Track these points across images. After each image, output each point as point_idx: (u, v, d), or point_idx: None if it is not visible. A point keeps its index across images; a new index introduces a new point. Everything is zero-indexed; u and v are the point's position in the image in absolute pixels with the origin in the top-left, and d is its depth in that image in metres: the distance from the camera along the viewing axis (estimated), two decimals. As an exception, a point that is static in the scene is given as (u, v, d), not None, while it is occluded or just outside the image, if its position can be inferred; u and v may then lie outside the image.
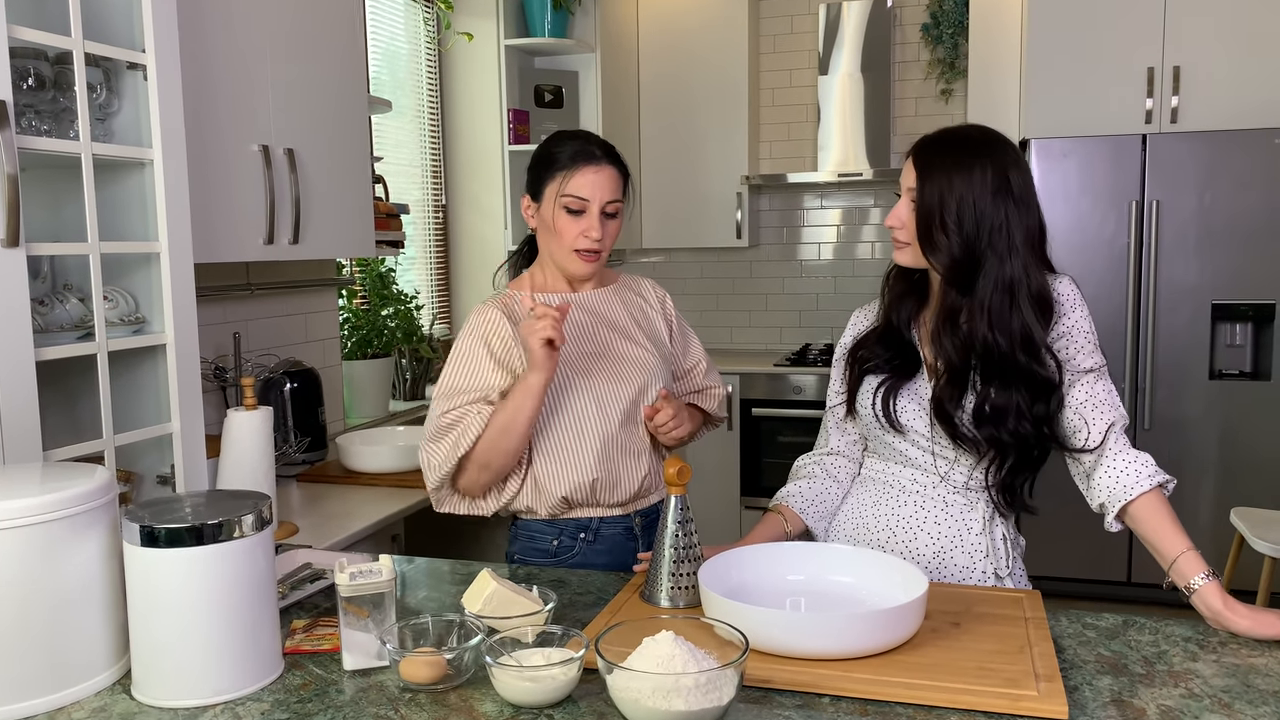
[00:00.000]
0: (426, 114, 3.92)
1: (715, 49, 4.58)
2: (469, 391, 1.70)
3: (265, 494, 1.30)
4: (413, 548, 2.28)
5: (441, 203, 4.06)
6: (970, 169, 1.47)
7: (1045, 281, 1.52)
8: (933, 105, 4.66)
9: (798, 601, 1.42)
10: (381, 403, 3.23)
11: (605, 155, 1.73)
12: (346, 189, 2.45)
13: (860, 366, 1.65)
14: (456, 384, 1.71)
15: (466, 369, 1.72)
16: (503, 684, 1.18)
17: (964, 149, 1.50)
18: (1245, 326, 3.83)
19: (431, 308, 3.94)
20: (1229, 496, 3.80)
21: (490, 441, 1.65)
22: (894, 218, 1.54)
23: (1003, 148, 1.51)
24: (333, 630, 1.41)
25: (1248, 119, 3.75)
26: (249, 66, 2.16)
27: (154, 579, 1.20)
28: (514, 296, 1.80)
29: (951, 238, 1.46)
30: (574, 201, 1.70)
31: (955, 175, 1.47)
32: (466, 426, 1.66)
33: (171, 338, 1.78)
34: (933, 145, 1.52)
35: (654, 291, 1.94)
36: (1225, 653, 1.30)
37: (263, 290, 2.58)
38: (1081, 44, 3.92)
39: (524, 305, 1.70)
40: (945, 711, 1.14)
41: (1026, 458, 1.53)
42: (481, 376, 1.70)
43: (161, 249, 1.76)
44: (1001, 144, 1.52)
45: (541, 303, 1.63)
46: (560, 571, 1.67)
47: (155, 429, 1.77)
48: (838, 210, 4.87)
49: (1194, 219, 3.78)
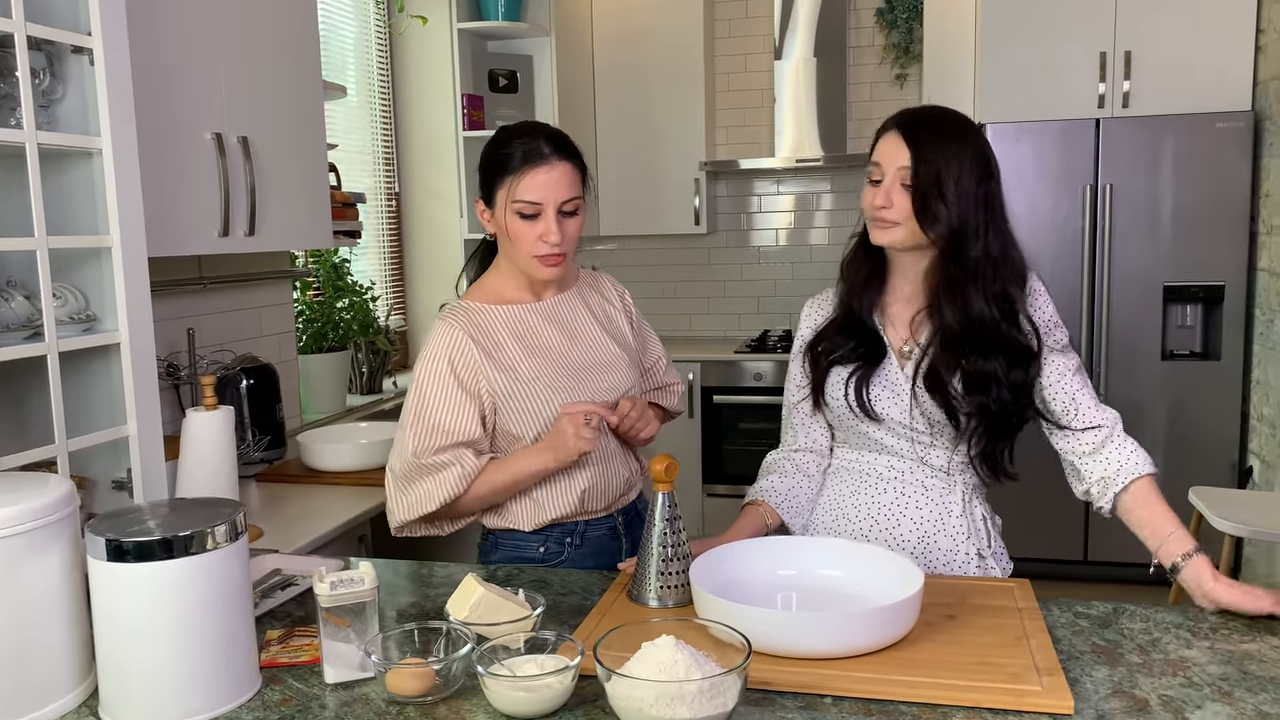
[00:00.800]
0: (378, 99, 3.82)
1: (670, 33, 4.53)
2: (449, 433, 1.61)
3: (237, 502, 1.24)
4: (380, 549, 2.22)
5: (394, 190, 3.97)
6: (958, 143, 1.49)
7: (1022, 254, 1.55)
8: (887, 90, 4.67)
9: (789, 597, 1.40)
10: (339, 398, 3.15)
11: (556, 151, 1.61)
12: (303, 178, 2.37)
13: (825, 359, 1.64)
14: (434, 420, 1.61)
15: (440, 403, 1.62)
16: (496, 695, 1.14)
17: (949, 125, 1.52)
18: (1195, 308, 3.90)
19: (387, 299, 3.85)
20: (1180, 474, 3.87)
21: (476, 498, 1.64)
22: (882, 197, 1.50)
23: (977, 128, 1.54)
24: (310, 641, 1.35)
25: (1194, 103, 3.81)
26: (199, 51, 2.06)
27: (122, 595, 1.13)
28: (476, 310, 1.69)
29: (951, 209, 1.47)
30: (527, 206, 1.60)
31: (948, 149, 1.48)
32: (444, 479, 1.60)
33: (126, 336, 1.69)
34: (921, 122, 1.51)
35: (614, 289, 1.86)
36: (1217, 639, 1.30)
37: (215, 284, 2.49)
38: (1035, 29, 3.95)
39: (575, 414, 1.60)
40: (950, 710, 1.12)
41: (1007, 425, 1.55)
42: (459, 416, 1.61)
43: (113, 243, 1.67)
44: (974, 125, 1.55)
45: (599, 411, 1.59)
46: (541, 572, 1.63)
47: (110, 432, 1.69)
48: (794, 196, 4.86)
49: (1145, 202, 3.84)
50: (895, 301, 1.62)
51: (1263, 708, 1.12)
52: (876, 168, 1.53)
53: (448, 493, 1.61)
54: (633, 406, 1.67)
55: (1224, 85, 3.80)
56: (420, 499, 1.63)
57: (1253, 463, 3.84)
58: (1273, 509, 2.99)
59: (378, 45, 3.80)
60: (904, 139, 1.50)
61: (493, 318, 1.68)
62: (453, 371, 1.63)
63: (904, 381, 1.57)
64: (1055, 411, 1.55)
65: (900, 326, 1.61)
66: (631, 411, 1.66)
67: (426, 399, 1.63)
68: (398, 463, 1.65)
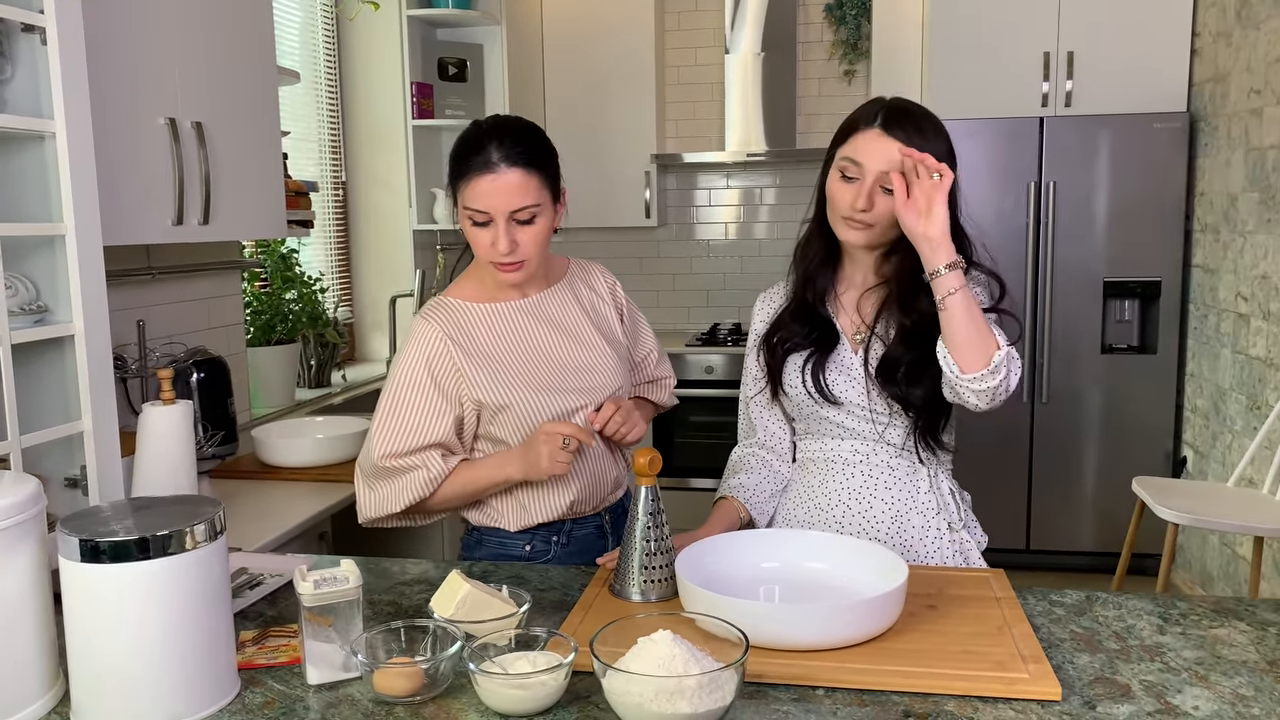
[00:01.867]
0: (324, 86, 3.74)
1: (621, 25, 4.51)
2: (419, 436, 1.58)
3: (215, 500, 1.20)
4: (342, 546, 2.17)
5: (341, 179, 3.89)
6: (936, 143, 1.50)
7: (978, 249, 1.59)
8: (836, 86, 4.71)
9: (772, 590, 1.40)
10: (288, 391, 3.07)
11: (506, 158, 1.52)
12: (257, 166, 2.30)
13: (781, 349, 1.66)
14: (405, 422, 1.58)
15: (414, 405, 1.59)
16: (489, 693, 1.12)
17: (929, 124, 1.53)
18: (1133, 303, 4.01)
19: (334, 290, 3.77)
20: (1118, 463, 3.99)
21: (443, 499, 1.61)
22: (864, 200, 1.50)
23: (943, 124, 1.56)
24: (286, 641, 1.32)
25: (1133, 103, 3.92)
26: (152, 32, 1.99)
27: (98, 597, 1.09)
28: (457, 308, 1.65)
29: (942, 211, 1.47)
30: (474, 214, 1.55)
31: (927, 144, 1.49)
32: (412, 480, 1.57)
33: (81, 328, 1.62)
34: (905, 116, 1.52)
35: (604, 280, 1.81)
36: (1188, 625, 1.34)
37: (163, 274, 2.41)
38: (982, 28, 4.02)
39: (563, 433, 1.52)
40: (942, 699, 1.14)
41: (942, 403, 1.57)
42: (431, 419, 1.58)
43: (67, 230, 1.60)
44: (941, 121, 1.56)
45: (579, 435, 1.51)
46: (517, 567, 1.61)
47: (65, 428, 1.62)
48: (742, 190, 4.88)
49: (1087, 199, 3.94)
50: (848, 289, 1.65)
51: (1240, 690, 1.15)
52: (853, 165, 1.52)
53: (413, 495, 1.58)
54: (616, 409, 1.61)
55: (1161, 87, 3.92)
56: (386, 499, 1.60)
57: (1186, 453, 3.97)
58: (1208, 497, 3.10)
59: (324, 31, 3.72)
60: (895, 140, 1.49)
61: (474, 316, 1.65)
62: (430, 376, 1.59)
63: (858, 365, 1.60)
64: None
65: (851, 312, 1.64)
66: (615, 415, 1.61)
67: (399, 400, 1.59)
68: (366, 461, 1.62)
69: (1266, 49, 3.30)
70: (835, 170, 1.56)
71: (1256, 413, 3.35)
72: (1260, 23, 3.35)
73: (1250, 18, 3.43)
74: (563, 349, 1.67)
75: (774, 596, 1.39)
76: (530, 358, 1.64)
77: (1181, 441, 4.02)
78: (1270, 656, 1.24)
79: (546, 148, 1.60)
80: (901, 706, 1.12)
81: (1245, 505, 3.00)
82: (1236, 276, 3.51)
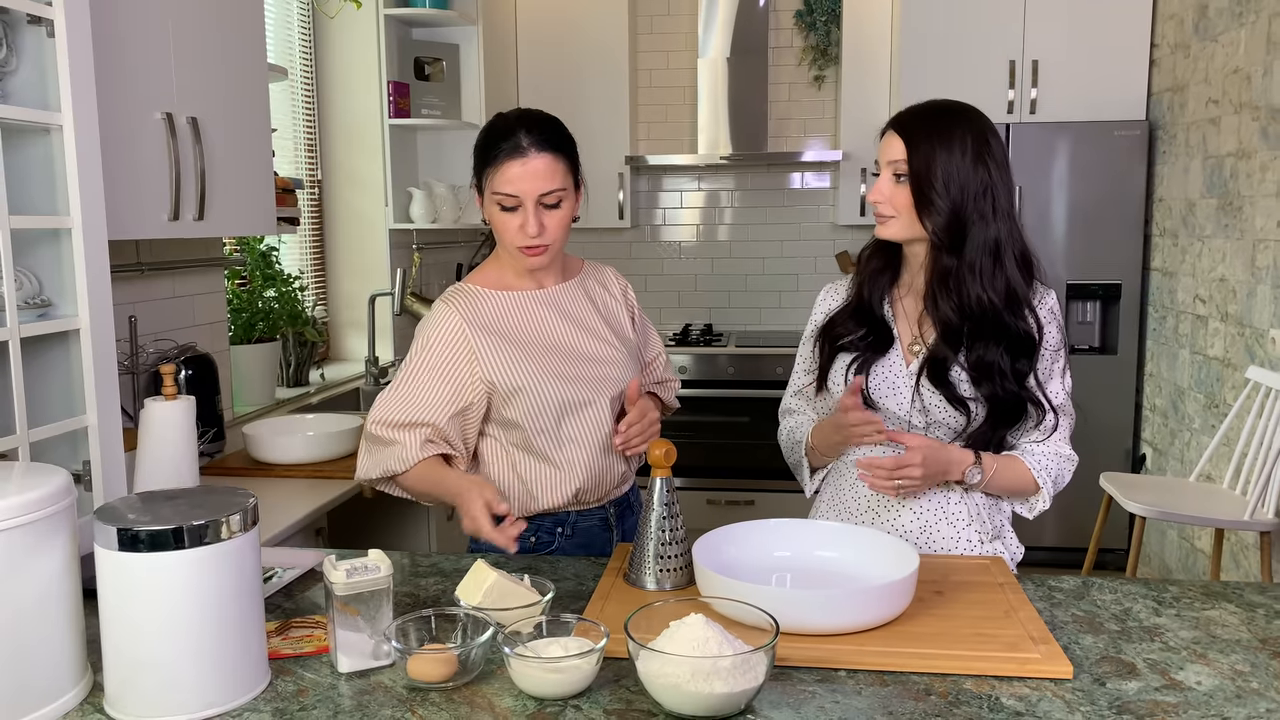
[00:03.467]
0: (300, 84, 3.71)
1: (595, 28, 4.54)
2: (413, 411, 1.62)
3: (247, 491, 1.21)
4: (337, 542, 2.17)
5: (317, 178, 3.86)
6: (951, 136, 1.51)
7: (1027, 241, 1.58)
8: (805, 91, 4.78)
9: (784, 577, 1.44)
10: (268, 390, 3.05)
11: (535, 144, 1.58)
12: (249, 162, 2.29)
13: (833, 344, 1.67)
14: (406, 397, 1.63)
15: (418, 382, 1.63)
16: (524, 677, 1.14)
17: (943, 118, 1.54)
18: (1095, 305, 4.13)
19: (312, 289, 3.75)
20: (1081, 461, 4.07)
21: (411, 484, 1.64)
22: (877, 193, 1.55)
23: (979, 116, 1.56)
24: (310, 632, 1.33)
25: (1095, 111, 4.04)
26: (148, 26, 1.98)
27: (135, 586, 1.10)
28: (476, 294, 1.68)
29: (945, 198, 1.50)
30: (504, 199, 1.59)
31: (939, 141, 1.51)
32: (395, 456, 1.62)
33: (86, 322, 1.62)
34: (914, 117, 1.55)
35: (616, 281, 1.84)
36: (1182, 607, 1.41)
37: (152, 271, 2.39)
38: (949, 36, 4.11)
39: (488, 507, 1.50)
40: (960, 678, 1.18)
41: (1010, 415, 1.57)
42: (429, 399, 1.62)
43: (74, 224, 1.59)
44: (977, 113, 1.56)
45: (506, 538, 1.47)
46: (529, 559, 1.63)
47: (71, 422, 1.61)
48: (714, 192, 4.94)
49: (1050, 204, 4.04)
50: (908, 294, 1.65)
51: (1237, 667, 1.21)
52: (877, 165, 1.59)
53: (387, 467, 1.63)
54: (640, 420, 1.64)
55: (1122, 96, 4.04)
56: (368, 465, 1.66)
57: (1145, 450, 4.09)
58: (1171, 492, 3.20)
59: (300, 29, 3.70)
60: (897, 133, 1.54)
61: (492, 303, 1.67)
62: (445, 358, 1.62)
63: (905, 376, 1.60)
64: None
65: (911, 321, 1.64)
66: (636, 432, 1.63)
67: (409, 375, 1.64)
68: (370, 424, 1.67)
69: (1223, 60, 3.42)
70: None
71: (1214, 411, 3.47)
72: (1217, 35, 3.47)
73: (1207, 30, 3.56)
74: (576, 339, 1.70)
75: (785, 583, 1.43)
76: (544, 344, 1.67)
77: (1141, 439, 4.14)
78: (1262, 635, 1.31)
79: (569, 136, 1.66)
80: (922, 685, 1.17)
81: (1206, 499, 3.11)
82: (1195, 279, 3.63)
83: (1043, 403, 1.57)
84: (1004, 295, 1.54)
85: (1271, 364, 3.07)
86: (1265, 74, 3.14)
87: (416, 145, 4.12)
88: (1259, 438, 2.99)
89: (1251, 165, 3.22)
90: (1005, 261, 1.54)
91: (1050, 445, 1.61)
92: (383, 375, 3.61)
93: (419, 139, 4.12)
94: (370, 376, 3.54)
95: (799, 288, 4.88)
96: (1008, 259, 1.54)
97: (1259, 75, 3.18)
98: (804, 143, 4.80)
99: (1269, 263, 3.10)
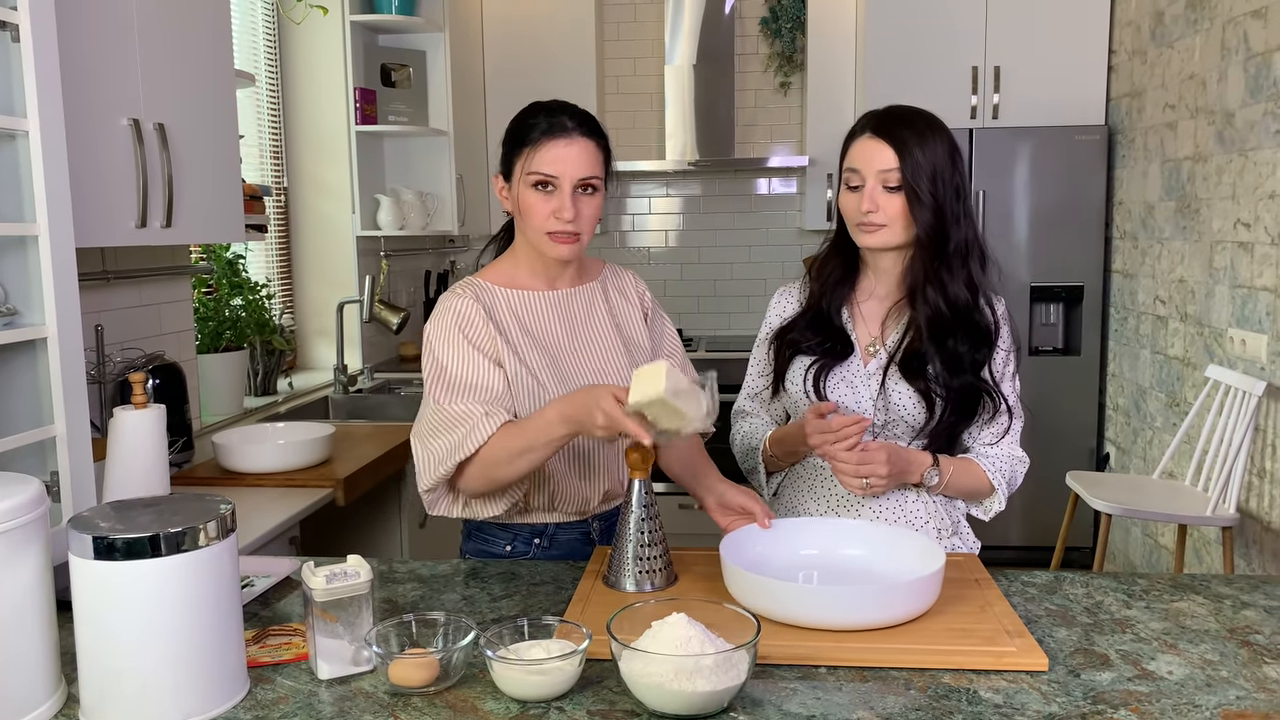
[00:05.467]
0: (265, 90, 3.69)
1: (562, 35, 4.54)
2: (475, 389, 1.53)
3: (224, 498, 1.20)
4: (310, 549, 2.15)
5: (283, 185, 3.83)
6: (934, 140, 1.54)
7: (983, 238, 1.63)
8: (771, 97, 4.82)
9: (810, 575, 1.45)
10: (236, 399, 3.02)
11: (579, 126, 1.56)
12: (217, 169, 2.27)
13: (790, 349, 1.68)
14: (455, 375, 1.54)
15: (459, 360, 1.54)
16: (506, 680, 1.14)
17: (920, 122, 1.56)
18: (1058, 307, 4.19)
19: (279, 297, 3.72)
20: (1046, 461, 4.14)
21: (502, 455, 1.48)
22: (868, 201, 1.55)
23: (943, 123, 1.59)
24: (288, 640, 1.32)
25: (1056, 116, 4.11)
26: (116, 33, 1.96)
27: (111, 595, 1.08)
28: (484, 288, 1.63)
29: (935, 203, 1.53)
30: (542, 178, 1.54)
31: (926, 146, 1.53)
32: (475, 427, 1.49)
33: (54, 330, 1.59)
34: (897, 121, 1.56)
35: (634, 285, 1.78)
36: (1151, 599, 1.43)
37: (119, 279, 2.36)
38: (912, 43, 4.17)
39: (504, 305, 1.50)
40: (939, 673, 1.20)
41: (972, 407, 1.61)
42: (479, 372, 1.54)
43: (41, 231, 1.57)
44: (938, 119, 1.59)
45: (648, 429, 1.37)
46: (506, 564, 1.63)
47: (38, 432, 1.59)
48: (682, 198, 4.96)
49: (1014, 207, 4.10)
50: (868, 299, 1.67)
51: (1207, 656, 1.24)
52: (854, 174, 1.57)
53: (464, 449, 1.48)
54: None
55: (1082, 101, 4.12)
56: (443, 457, 1.51)
57: (1109, 449, 4.16)
58: (1134, 489, 3.26)
59: (265, 35, 3.67)
60: (884, 140, 1.54)
61: (500, 299, 1.63)
62: (465, 338, 1.56)
63: (865, 377, 1.63)
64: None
65: (871, 323, 1.66)
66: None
67: (442, 363, 1.55)
68: (423, 424, 1.57)
69: (1179, 66, 3.50)
70: (843, 185, 1.61)
71: (1176, 409, 3.54)
72: (1173, 42, 3.55)
73: (1163, 37, 3.63)
74: (579, 349, 1.66)
75: (812, 581, 1.44)
76: (544, 350, 1.62)
77: (1104, 438, 4.21)
78: (1229, 625, 1.34)
79: (605, 130, 1.63)
80: (901, 680, 1.18)
81: (1170, 496, 3.17)
82: (1155, 281, 3.70)
83: (994, 394, 1.62)
84: (974, 291, 1.59)
85: (1230, 363, 3.14)
86: (1220, 79, 3.21)
87: (384, 152, 4.10)
88: (1219, 435, 3.06)
89: (1208, 169, 3.29)
90: (973, 258, 1.58)
91: (1003, 448, 1.66)
92: (351, 384, 3.59)
93: (386, 146, 4.11)
94: (339, 385, 3.52)
95: (767, 292, 4.91)
96: (974, 256, 1.59)
97: (1214, 81, 3.25)
98: (770, 148, 4.84)
99: (1226, 264, 3.17)
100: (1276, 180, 2.88)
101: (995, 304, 1.64)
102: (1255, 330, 2.99)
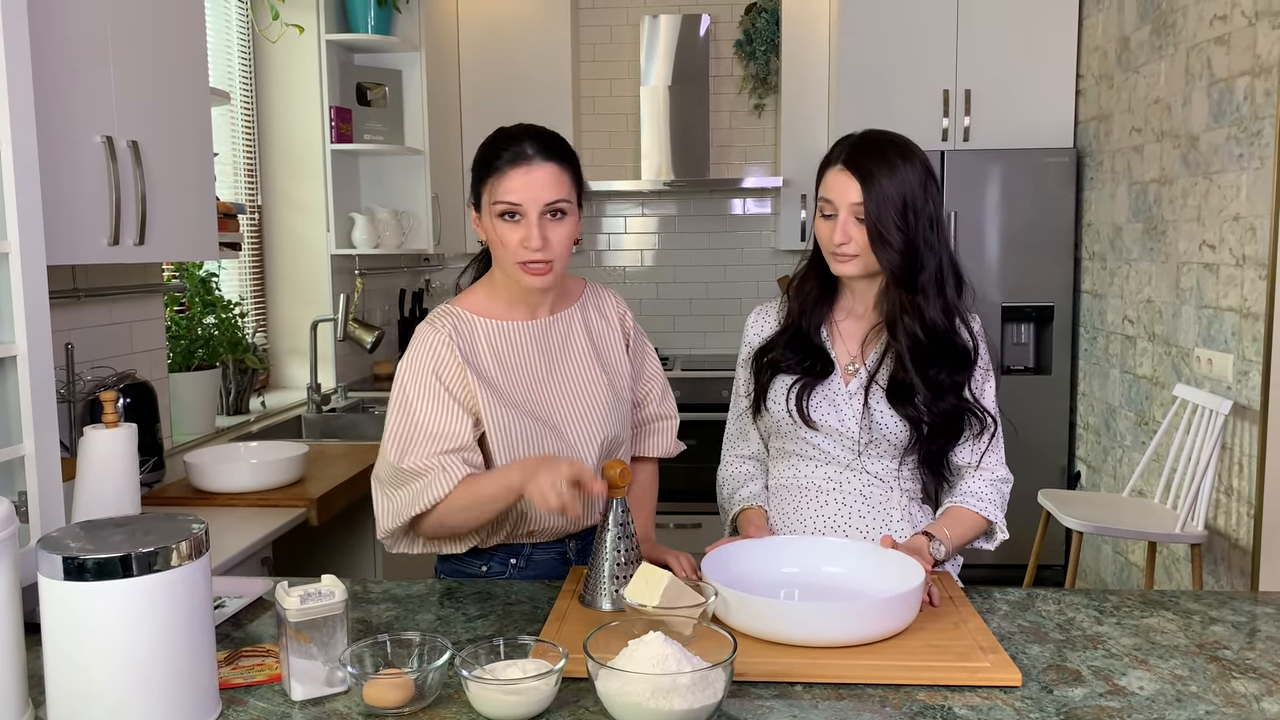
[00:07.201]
0: (240, 108, 3.67)
1: (537, 56, 4.56)
2: (438, 437, 1.52)
3: (197, 518, 1.19)
4: (283, 570, 2.13)
5: (257, 203, 3.82)
6: (904, 170, 1.53)
7: (958, 260, 1.63)
8: (746, 119, 4.86)
9: (792, 592, 1.46)
10: (208, 418, 2.99)
11: (540, 151, 1.53)
12: (191, 187, 2.26)
13: (771, 369, 1.68)
14: (421, 420, 1.53)
15: (426, 409, 1.54)
16: (482, 700, 1.14)
17: (891, 152, 1.55)
18: (1029, 326, 4.24)
19: (252, 316, 3.69)
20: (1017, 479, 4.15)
21: (456, 508, 1.50)
22: (840, 233, 1.55)
23: (918, 148, 1.59)
24: (260, 661, 1.31)
25: (1026, 139, 4.17)
26: (90, 50, 1.95)
27: (81, 616, 1.07)
28: (461, 317, 1.61)
29: (902, 236, 1.52)
30: (507, 207, 1.52)
31: (895, 178, 1.52)
32: (432, 481, 1.50)
33: (24, 349, 1.57)
34: (866, 153, 1.55)
35: (615, 307, 1.77)
36: (1122, 615, 1.45)
37: (89, 296, 2.33)
38: (885, 66, 4.22)
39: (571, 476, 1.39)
40: (914, 689, 1.20)
41: (956, 428, 1.61)
42: (446, 419, 1.53)
43: (11, 248, 1.55)
44: (915, 146, 1.59)
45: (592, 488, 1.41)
46: (481, 583, 1.62)
47: (5, 452, 1.56)
48: (658, 218, 4.98)
49: (984, 228, 4.15)
50: (847, 318, 1.68)
51: (1177, 672, 1.25)
52: (828, 204, 1.58)
53: (425, 500, 1.50)
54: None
55: (1051, 124, 4.18)
56: (401, 506, 1.53)
57: (1080, 467, 4.20)
58: (1105, 507, 3.29)
59: (240, 53, 3.66)
60: (853, 175, 1.53)
61: (478, 330, 1.61)
62: (439, 381, 1.55)
63: (847, 396, 1.63)
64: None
65: (850, 342, 1.67)
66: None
67: (411, 408, 1.55)
68: (383, 469, 1.57)
69: (1146, 90, 3.57)
70: (818, 210, 1.62)
71: (1145, 428, 3.58)
72: (1139, 67, 3.62)
73: (1129, 62, 3.70)
74: (556, 381, 1.65)
75: (794, 597, 1.44)
76: (522, 384, 1.61)
77: (1075, 457, 4.25)
78: (1198, 640, 1.35)
79: (573, 151, 1.61)
80: (877, 697, 1.19)
81: (1140, 514, 3.20)
82: (1123, 301, 3.76)
83: (979, 412, 1.62)
84: (950, 315, 1.59)
85: (1197, 382, 3.18)
86: (1185, 104, 3.28)
87: (359, 170, 4.09)
88: (1187, 453, 3.10)
89: (1174, 191, 3.35)
90: (948, 283, 1.58)
91: (984, 477, 1.65)
92: (325, 403, 3.57)
93: (361, 164, 4.10)
94: (312, 404, 3.49)
95: (742, 311, 4.94)
96: (950, 281, 1.59)
97: (1179, 105, 3.32)
98: (745, 169, 4.88)
99: (1192, 284, 3.22)
100: (1240, 203, 2.94)
101: (971, 322, 1.65)
102: (1221, 350, 3.04)
